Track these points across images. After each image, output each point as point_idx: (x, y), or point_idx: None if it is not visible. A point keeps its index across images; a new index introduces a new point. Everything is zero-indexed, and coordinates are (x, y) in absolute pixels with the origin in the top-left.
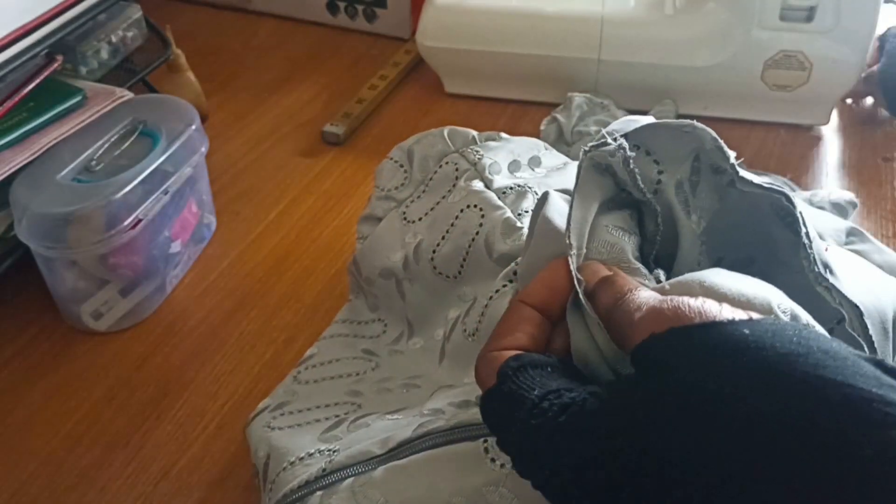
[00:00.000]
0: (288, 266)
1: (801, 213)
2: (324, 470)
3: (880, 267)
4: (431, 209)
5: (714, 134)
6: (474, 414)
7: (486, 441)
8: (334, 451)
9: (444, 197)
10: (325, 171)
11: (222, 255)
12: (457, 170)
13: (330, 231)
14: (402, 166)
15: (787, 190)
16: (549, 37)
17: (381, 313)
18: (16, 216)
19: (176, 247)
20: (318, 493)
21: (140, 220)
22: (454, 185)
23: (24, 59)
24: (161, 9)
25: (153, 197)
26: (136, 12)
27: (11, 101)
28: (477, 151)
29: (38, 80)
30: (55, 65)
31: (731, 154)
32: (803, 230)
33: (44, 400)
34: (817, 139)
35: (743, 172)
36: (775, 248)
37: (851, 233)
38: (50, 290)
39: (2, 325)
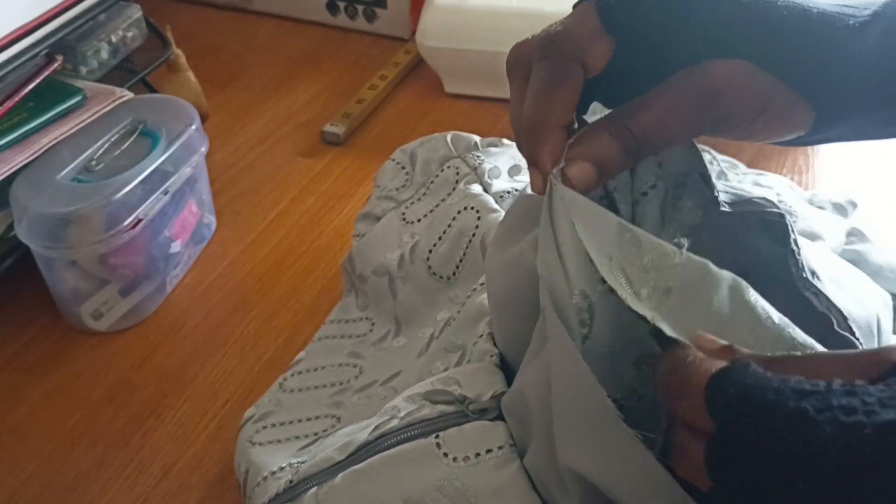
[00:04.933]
0: (288, 266)
1: (789, 221)
2: (290, 482)
3: (880, 267)
4: (431, 211)
5: (706, 162)
6: (426, 410)
7: (437, 437)
8: (301, 462)
9: (443, 200)
10: (325, 171)
11: (222, 255)
12: (457, 174)
13: (330, 231)
14: (403, 168)
15: (772, 201)
16: None
17: (370, 312)
18: (16, 216)
19: (176, 247)
20: None
21: (140, 220)
22: (454, 189)
23: (24, 59)
24: (161, 9)
25: (153, 197)
26: (136, 12)
27: (11, 101)
28: (478, 156)
29: (38, 80)
30: (55, 65)
31: (716, 185)
32: (791, 236)
33: (44, 400)
34: None
35: (723, 195)
36: (765, 261)
37: (851, 233)
38: (50, 290)
39: (2, 325)
